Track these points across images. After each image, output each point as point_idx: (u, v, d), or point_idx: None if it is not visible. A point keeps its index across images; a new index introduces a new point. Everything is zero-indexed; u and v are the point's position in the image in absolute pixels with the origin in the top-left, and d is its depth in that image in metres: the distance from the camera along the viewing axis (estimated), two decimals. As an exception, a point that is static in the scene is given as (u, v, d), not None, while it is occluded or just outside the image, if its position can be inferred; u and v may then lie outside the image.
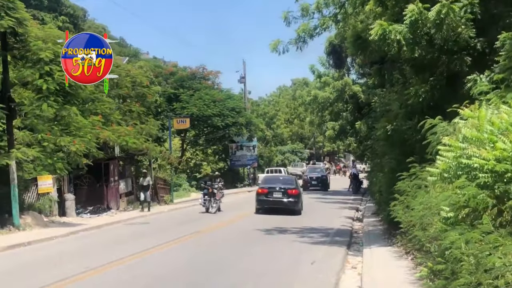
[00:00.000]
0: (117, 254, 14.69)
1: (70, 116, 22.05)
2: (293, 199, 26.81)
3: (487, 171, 7.39)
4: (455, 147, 8.09)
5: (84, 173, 27.07)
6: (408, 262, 12.20)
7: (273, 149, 74.14)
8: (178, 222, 23.90)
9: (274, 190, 27.11)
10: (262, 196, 27.16)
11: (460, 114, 9.06)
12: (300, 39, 21.07)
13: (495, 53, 11.52)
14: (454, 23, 13.27)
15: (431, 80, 15.54)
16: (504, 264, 6.23)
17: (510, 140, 7.44)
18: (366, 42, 16.15)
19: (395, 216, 13.34)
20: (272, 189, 27.24)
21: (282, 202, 26.75)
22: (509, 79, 9.93)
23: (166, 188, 36.17)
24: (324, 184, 49.09)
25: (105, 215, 26.88)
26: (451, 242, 7.37)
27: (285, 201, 26.78)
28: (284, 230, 19.95)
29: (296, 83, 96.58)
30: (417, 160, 13.30)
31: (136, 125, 30.43)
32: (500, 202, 7.26)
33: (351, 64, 37.92)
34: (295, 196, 26.92)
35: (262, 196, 27.19)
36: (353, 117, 41.82)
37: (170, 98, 45.14)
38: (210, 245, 17.23)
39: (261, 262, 13.73)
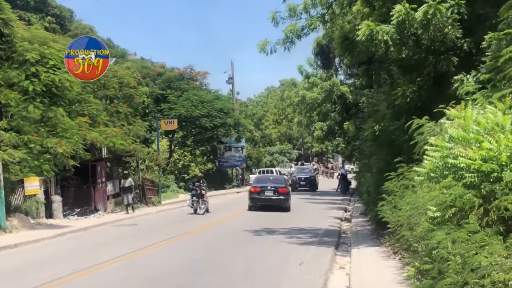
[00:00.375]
0: (105, 256, 14.64)
1: (57, 118, 21.95)
2: (283, 197, 28.94)
3: (473, 171, 7.44)
4: (442, 147, 8.13)
5: (71, 175, 26.98)
6: (396, 262, 12.26)
7: (262, 150, 74.22)
8: (166, 224, 23.86)
9: (265, 189, 29.25)
10: (255, 194, 29.35)
11: (447, 114, 9.11)
12: (288, 39, 21.13)
13: (481, 53, 11.59)
14: (441, 23, 13.37)
15: (418, 81, 15.63)
16: (490, 263, 6.27)
17: (496, 140, 7.49)
18: (353, 42, 16.21)
19: (383, 216, 13.41)
20: (264, 188, 29.41)
21: (273, 200, 28.91)
22: (495, 79, 9.99)
23: (154, 190, 36.07)
24: (313, 184, 49.20)
25: (93, 216, 26.77)
26: (437, 241, 7.41)
27: (276, 198, 28.90)
28: (273, 231, 19.97)
29: (284, 84, 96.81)
30: (404, 160, 13.37)
31: (124, 126, 30.35)
32: (486, 202, 7.31)
33: (339, 65, 38.03)
34: (285, 194, 29.09)
35: (254, 194, 29.37)
36: (341, 117, 41.96)
37: (158, 99, 44.99)
38: (199, 246, 17.20)
39: (249, 263, 13.73)
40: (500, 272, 6.10)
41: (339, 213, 27.67)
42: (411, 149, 11.70)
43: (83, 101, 26.49)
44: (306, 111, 48.31)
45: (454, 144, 7.97)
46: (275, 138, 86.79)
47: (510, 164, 7.23)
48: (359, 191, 33.67)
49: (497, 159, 7.34)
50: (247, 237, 18.77)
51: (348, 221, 24.25)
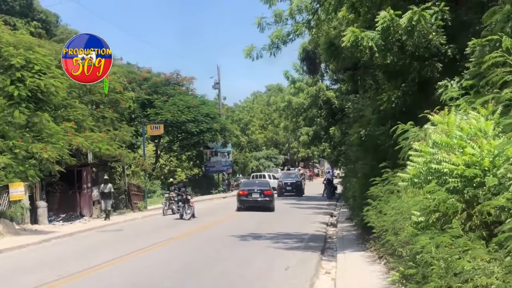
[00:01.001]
0: (90, 262, 14.58)
1: (42, 123, 21.87)
2: (268, 198, 32.50)
3: (456, 176, 7.49)
4: (425, 152, 8.18)
5: (57, 180, 26.85)
6: (381, 266, 12.31)
7: (248, 155, 74.24)
8: (152, 229, 23.80)
9: (252, 191, 32.79)
10: (243, 197, 32.78)
11: (431, 120, 9.17)
12: (274, 45, 21.13)
13: (465, 59, 11.67)
14: (425, 30, 13.46)
15: (403, 86, 15.72)
16: (473, 267, 6.31)
17: (478, 145, 7.55)
18: (339, 48, 16.30)
19: (368, 221, 13.44)
20: (251, 190, 32.97)
21: (259, 201, 32.22)
22: (478, 85, 10.05)
23: (140, 195, 36.00)
24: (299, 189, 49.26)
25: (78, 222, 26.67)
26: (421, 246, 7.44)
27: (261, 200, 32.30)
28: (259, 236, 19.97)
29: (271, 89, 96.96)
30: (389, 165, 13.41)
31: (109, 131, 30.28)
32: (469, 207, 7.36)
33: (324, 70, 38.05)
34: (270, 196, 32.74)
35: (243, 197, 32.79)
36: (327, 122, 42.08)
37: (144, 104, 44.93)
38: (184, 251, 17.17)
39: (235, 268, 13.72)
40: (483, 276, 6.14)
41: (325, 218, 27.72)
42: (396, 154, 11.73)
43: (69, 106, 26.39)
44: (292, 116, 48.34)
45: (437, 149, 8.03)
46: (262, 143, 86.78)
47: (492, 170, 7.29)
48: (345, 196, 33.79)
49: (480, 164, 7.39)
50: (233, 242, 18.76)
51: (334, 226, 24.31)
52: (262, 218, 27.38)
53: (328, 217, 28.45)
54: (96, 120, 29.99)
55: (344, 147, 28.71)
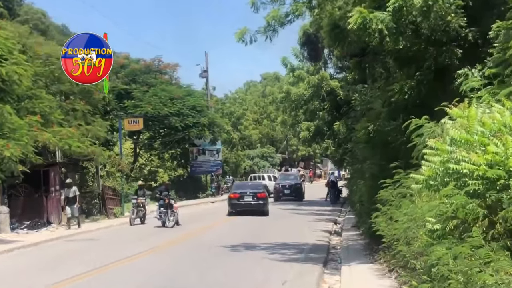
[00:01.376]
0: (57, 276, 14.54)
1: (3, 116, 21.79)
2: (262, 202, 33.24)
3: (477, 178, 7.49)
4: (442, 151, 8.19)
5: (20, 182, 26.77)
6: (392, 281, 12.33)
7: (240, 153, 74.14)
8: (129, 238, 23.76)
9: (245, 194, 33.49)
10: (235, 200, 33.44)
11: (449, 113, 9.18)
12: (270, 27, 21.08)
13: (488, 44, 11.70)
14: (442, 10, 13.47)
15: (417, 75, 15.74)
16: (496, 282, 6.33)
17: (503, 142, 7.55)
18: (344, 31, 16.27)
19: (377, 229, 13.46)
20: (243, 193, 33.66)
21: (253, 205, 33.06)
22: (503, 74, 10.08)
23: (116, 199, 35.89)
24: (299, 193, 49.21)
25: (45, 230, 26.61)
26: (437, 257, 7.46)
27: (255, 203, 33.08)
28: (253, 246, 19.97)
29: (267, 78, 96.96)
30: (401, 165, 13.43)
31: (81, 126, 30.18)
32: (492, 213, 7.37)
33: (328, 57, 37.92)
34: (263, 199, 33.49)
35: (234, 200, 33.47)
36: (331, 116, 41.97)
37: (121, 95, 44.70)
38: (167, 263, 17.14)
39: (227, 282, 13.72)
40: (507, 291, 6.18)
41: (328, 226, 27.75)
42: (409, 152, 11.76)
43: (34, 97, 26.32)
44: (291, 109, 48.23)
45: (456, 147, 8.03)
46: (256, 140, 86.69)
47: (518, 170, 7.31)
48: (351, 201, 33.80)
49: (504, 165, 7.39)
50: (224, 253, 18.74)
51: (338, 235, 24.35)
52: (256, 224, 27.38)
53: (331, 225, 28.48)
54: (66, 113, 29.90)
55: (350, 145, 28.68)
